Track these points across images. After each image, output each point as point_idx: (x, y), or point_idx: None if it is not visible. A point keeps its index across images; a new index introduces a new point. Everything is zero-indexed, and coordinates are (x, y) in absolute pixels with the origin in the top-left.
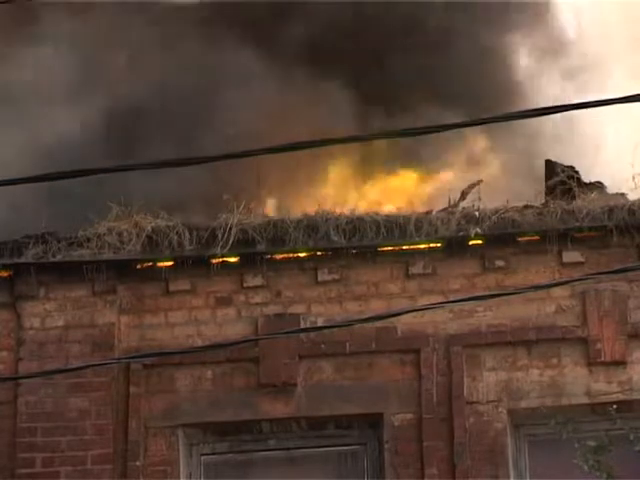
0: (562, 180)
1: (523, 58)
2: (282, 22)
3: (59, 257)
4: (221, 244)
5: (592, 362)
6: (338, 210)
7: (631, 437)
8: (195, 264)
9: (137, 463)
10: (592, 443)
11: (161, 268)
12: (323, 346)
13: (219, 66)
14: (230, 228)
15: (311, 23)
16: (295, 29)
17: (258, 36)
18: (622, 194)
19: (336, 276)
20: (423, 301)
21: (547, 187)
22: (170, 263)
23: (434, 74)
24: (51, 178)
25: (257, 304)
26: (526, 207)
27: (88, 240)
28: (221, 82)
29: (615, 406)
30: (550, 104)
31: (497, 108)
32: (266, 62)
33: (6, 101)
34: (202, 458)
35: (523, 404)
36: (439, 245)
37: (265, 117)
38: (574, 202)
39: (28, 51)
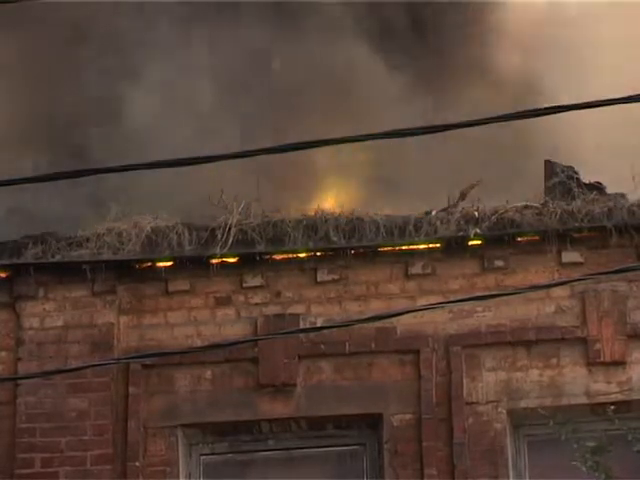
0: (561, 180)
1: None
2: None
3: (58, 257)
4: (220, 244)
5: (591, 362)
6: (337, 210)
7: (630, 437)
8: (194, 264)
9: (136, 463)
10: (591, 444)
11: (160, 268)
12: (322, 346)
13: None
14: (229, 228)
15: None
16: None
17: None
18: (622, 194)
19: (335, 276)
20: (422, 301)
21: (546, 187)
22: (169, 263)
23: None
24: (51, 178)
25: (256, 304)
26: (525, 207)
27: (87, 240)
28: None
29: (613, 406)
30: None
31: None
32: None
33: None
34: (201, 458)
35: (522, 404)
36: (438, 245)
37: None
38: (573, 202)
39: None
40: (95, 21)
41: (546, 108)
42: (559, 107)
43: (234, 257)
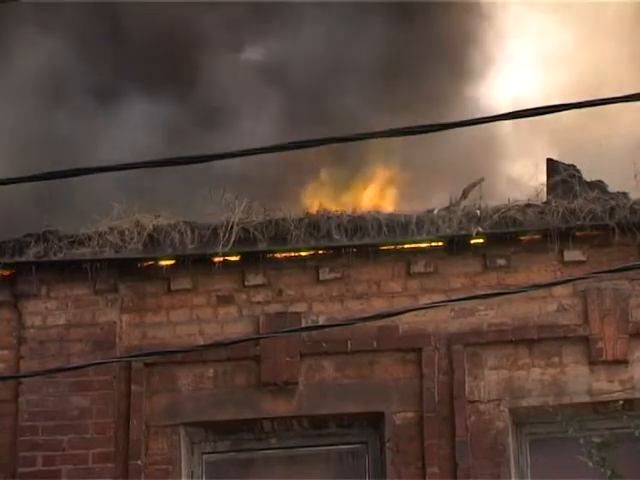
0: (564, 179)
1: None
2: None
3: (60, 256)
4: (222, 243)
5: (594, 361)
6: (339, 209)
7: (637, 433)
8: (196, 263)
9: (138, 462)
10: (597, 440)
11: (162, 267)
12: (324, 345)
13: None
14: (231, 227)
15: None
16: None
17: None
18: (623, 193)
19: (337, 275)
20: (424, 300)
21: (548, 186)
22: (171, 262)
23: None
24: (51, 177)
25: (258, 303)
26: (528, 206)
27: (89, 239)
28: None
29: (622, 402)
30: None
31: None
32: None
33: None
34: (203, 457)
35: (524, 403)
36: (440, 244)
37: None
38: (575, 201)
39: None
40: None
41: (546, 107)
42: (559, 106)
43: (236, 255)
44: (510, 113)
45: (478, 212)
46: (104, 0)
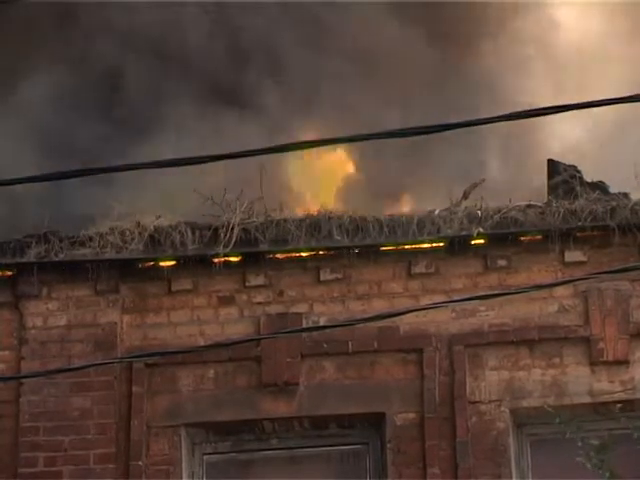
0: (564, 179)
1: None
2: None
3: (61, 256)
4: (223, 243)
5: (594, 361)
6: (341, 210)
7: (635, 436)
8: (197, 263)
9: (139, 462)
10: (595, 442)
11: (163, 267)
12: (325, 345)
13: None
14: (232, 227)
15: None
16: None
17: None
18: (624, 193)
19: (338, 275)
20: (425, 300)
21: (549, 186)
22: (172, 262)
23: None
24: (52, 178)
25: (259, 303)
26: (528, 206)
27: (90, 239)
28: None
29: (620, 404)
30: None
31: None
32: None
33: None
34: (204, 457)
35: (525, 403)
36: (442, 244)
37: None
38: (576, 201)
39: None
40: None
41: (546, 108)
42: (559, 107)
43: (237, 256)
44: (511, 114)
45: (479, 213)
46: None
